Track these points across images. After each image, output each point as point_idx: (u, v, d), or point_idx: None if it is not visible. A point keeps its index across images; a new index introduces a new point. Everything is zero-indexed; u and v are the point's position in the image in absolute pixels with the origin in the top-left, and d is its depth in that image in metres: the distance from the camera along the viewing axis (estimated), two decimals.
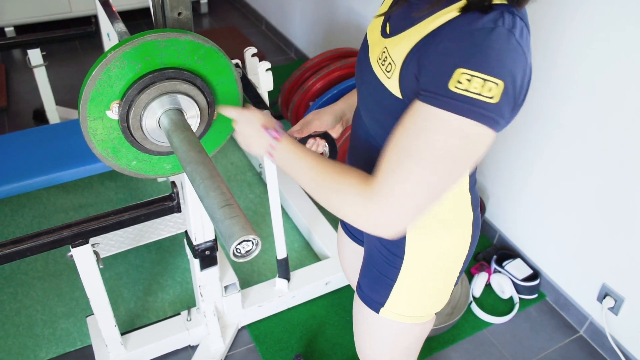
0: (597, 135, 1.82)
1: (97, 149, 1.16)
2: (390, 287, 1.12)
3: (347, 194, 0.87)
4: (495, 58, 0.73)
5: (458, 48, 0.74)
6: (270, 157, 1.01)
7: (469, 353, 2.02)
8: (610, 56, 1.70)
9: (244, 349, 1.97)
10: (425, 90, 0.77)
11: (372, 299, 1.16)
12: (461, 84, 0.73)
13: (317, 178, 0.92)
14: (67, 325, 2.01)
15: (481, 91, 0.72)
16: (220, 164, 2.84)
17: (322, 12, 3.48)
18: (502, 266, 2.26)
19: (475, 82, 0.72)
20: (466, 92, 0.73)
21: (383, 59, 0.89)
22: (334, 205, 0.90)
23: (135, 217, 1.47)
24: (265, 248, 2.35)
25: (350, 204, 0.86)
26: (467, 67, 0.72)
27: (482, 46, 0.73)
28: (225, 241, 0.83)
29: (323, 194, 0.91)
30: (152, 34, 1.06)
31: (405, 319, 1.15)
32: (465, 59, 0.73)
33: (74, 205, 2.55)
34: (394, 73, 0.85)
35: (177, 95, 1.12)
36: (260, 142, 1.02)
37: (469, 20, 0.75)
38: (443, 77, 0.74)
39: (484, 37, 0.73)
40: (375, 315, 1.16)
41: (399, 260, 1.09)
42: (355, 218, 0.87)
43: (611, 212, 1.85)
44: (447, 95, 0.74)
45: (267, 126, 1.01)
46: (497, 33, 0.73)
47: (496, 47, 0.73)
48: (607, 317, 1.98)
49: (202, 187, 0.93)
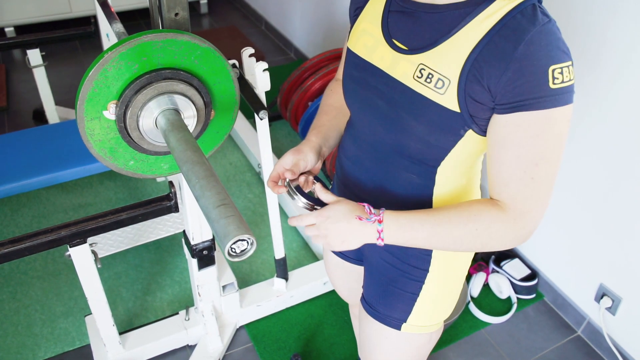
0: (595, 136, 1.83)
1: (95, 149, 1.16)
2: (413, 301, 1.11)
3: (494, 232, 0.89)
4: (563, 45, 0.81)
5: (540, 49, 0.79)
6: (380, 242, 0.92)
7: (467, 353, 2.02)
8: (603, 58, 1.70)
9: (242, 348, 1.97)
10: (527, 99, 0.80)
11: (391, 317, 1.14)
12: (557, 79, 0.79)
13: (450, 233, 0.90)
14: (66, 325, 2.01)
15: (570, 77, 0.81)
16: (219, 164, 2.85)
17: (321, 13, 3.48)
18: (500, 266, 2.27)
19: (565, 72, 0.80)
20: (563, 84, 0.80)
21: (426, 76, 0.87)
22: (482, 246, 0.92)
23: (133, 216, 1.47)
24: (263, 248, 2.36)
25: (501, 236, 0.90)
26: (556, 63, 0.79)
27: (554, 40, 0.80)
28: (220, 240, 0.84)
29: (466, 243, 0.91)
30: (149, 34, 1.07)
31: (426, 329, 1.15)
32: (551, 57, 0.79)
33: (73, 205, 2.55)
34: (449, 88, 0.85)
35: (174, 95, 1.12)
36: (361, 234, 0.92)
37: (527, 20, 0.80)
38: (541, 80, 0.79)
39: (550, 31, 0.80)
40: (396, 332, 1.15)
41: (423, 273, 1.08)
42: (508, 245, 0.91)
43: (608, 213, 1.86)
44: (552, 94, 0.79)
45: (359, 215, 0.92)
46: (552, 24, 0.81)
47: (559, 36, 0.81)
48: (604, 317, 1.98)
49: (198, 187, 0.93)
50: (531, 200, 0.87)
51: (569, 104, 0.81)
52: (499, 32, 0.81)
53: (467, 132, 0.89)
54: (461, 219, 0.89)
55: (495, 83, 0.81)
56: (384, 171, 1.03)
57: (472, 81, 0.83)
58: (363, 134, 1.05)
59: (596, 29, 1.71)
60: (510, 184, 0.87)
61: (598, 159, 1.84)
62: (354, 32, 1.03)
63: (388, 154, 1.00)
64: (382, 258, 1.12)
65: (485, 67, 0.82)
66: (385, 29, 0.95)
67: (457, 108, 0.86)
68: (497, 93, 0.82)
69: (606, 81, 1.73)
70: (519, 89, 0.80)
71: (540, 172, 0.84)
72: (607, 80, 1.73)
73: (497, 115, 0.84)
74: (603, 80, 1.74)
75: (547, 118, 0.81)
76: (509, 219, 0.88)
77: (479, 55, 0.82)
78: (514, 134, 0.83)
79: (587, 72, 1.78)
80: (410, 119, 0.91)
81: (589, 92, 1.80)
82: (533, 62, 0.78)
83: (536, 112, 0.80)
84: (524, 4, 0.81)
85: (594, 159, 1.86)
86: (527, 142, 0.83)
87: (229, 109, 1.25)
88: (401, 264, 1.09)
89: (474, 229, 0.89)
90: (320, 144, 1.10)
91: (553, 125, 0.81)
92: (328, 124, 1.15)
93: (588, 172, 1.89)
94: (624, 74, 1.67)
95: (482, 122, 0.87)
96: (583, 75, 1.80)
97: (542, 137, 0.82)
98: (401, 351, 1.18)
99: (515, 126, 0.82)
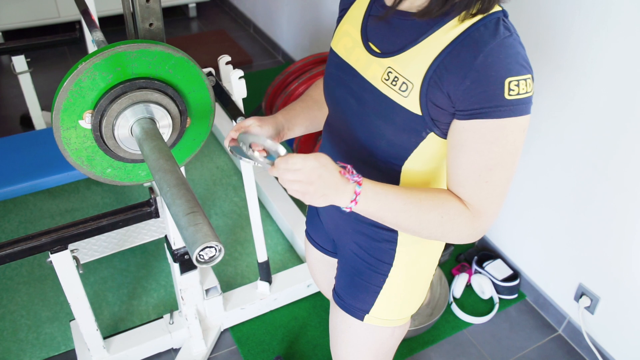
0: (573, 140, 1.86)
1: (72, 158, 1.18)
2: (376, 293, 1.14)
3: (457, 224, 0.93)
4: (522, 59, 0.84)
5: (498, 61, 0.82)
6: (353, 204, 0.89)
7: (449, 353, 2.05)
8: (579, 61, 1.73)
9: (226, 351, 2.00)
10: (483, 108, 0.83)
11: (355, 307, 1.17)
12: (513, 91, 0.82)
13: (418, 213, 0.91)
14: (52, 330, 2.03)
15: (526, 90, 0.84)
16: (206, 168, 2.87)
17: (308, 16, 3.51)
18: (483, 267, 2.30)
19: (521, 84, 0.83)
20: (518, 96, 0.83)
21: (392, 79, 0.91)
22: (441, 234, 0.95)
23: (113, 222, 1.49)
24: (248, 251, 2.38)
25: (461, 230, 0.93)
26: (513, 75, 0.82)
27: (513, 53, 0.83)
28: (189, 247, 0.86)
29: (430, 228, 0.93)
30: (123, 45, 1.09)
31: (389, 322, 1.18)
32: (508, 69, 0.82)
33: (60, 211, 2.57)
34: (412, 92, 0.89)
35: (149, 104, 1.15)
36: (340, 191, 0.88)
37: (489, 32, 0.83)
38: (497, 91, 0.82)
39: (509, 45, 0.83)
40: (359, 323, 1.18)
41: (387, 266, 1.12)
42: (464, 239, 0.95)
43: (587, 215, 1.89)
44: (507, 104, 0.83)
45: (342, 170, 0.89)
46: (514, 38, 0.84)
47: (519, 50, 0.84)
48: (583, 316, 2.01)
49: (169, 195, 0.95)
50: (485, 202, 0.91)
51: (524, 115, 0.85)
52: (461, 42, 0.84)
53: (429, 134, 0.92)
54: (431, 204, 0.92)
55: (455, 90, 0.85)
56: (353, 166, 1.06)
57: (434, 87, 0.87)
58: (337, 129, 1.09)
59: (562, 32, 1.74)
60: (466, 186, 0.91)
61: (573, 162, 1.87)
62: (337, 33, 1.07)
63: (358, 151, 1.04)
64: (351, 250, 1.16)
65: (446, 74, 0.85)
66: (364, 32, 0.99)
67: (419, 111, 0.89)
68: (456, 100, 0.85)
69: (577, 85, 1.76)
70: (476, 98, 0.83)
71: (494, 177, 0.88)
72: (580, 85, 1.76)
73: (457, 120, 0.87)
74: (574, 84, 1.77)
75: (502, 127, 0.84)
76: (470, 216, 0.92)
77: (442, 63, 0.86)
78: (470, 139, 0.86)
79: (561, 78, 1.81)
80: (376, 119, 0.95)
81: (564, 96, 1.83)
82: (490, 73, 0.82)
83: (492, 121, 0.84)
84: (489, 17, 0.85)
85: (569, 161, 1.89)
86: (482, 148, 0.86)
87: (204, 116, 1.27)
88: (367, 257, 1.12)
89: (439, 216, 0.92)
90: (283, 124, 1.14)
91: (508, 134, 0.85)
92: (299, 110, 1.20)
93: (565, 174, 1.92)
94: (596, 81, 1.70)
95: (443, 126, 0.91)
96: (557, 80, 1.83)
97: (497, 145, 0.85)
98: (363, 342, 1.21)
99: (472, 132, 0.86)
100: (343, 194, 0.88)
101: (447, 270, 2.35)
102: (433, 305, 2.13)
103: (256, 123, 1.08)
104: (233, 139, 1.06)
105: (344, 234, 1.16)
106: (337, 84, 1.04)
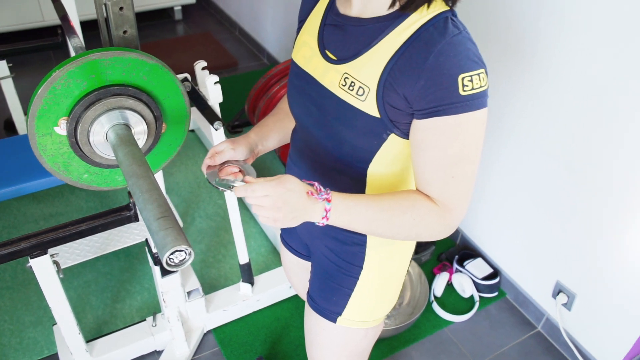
0: (547, 140, 1.89)
1: (48, 164, 1.20)
2: (348, 296, 1.17)
3: (428, 223, 0.95)
4: (473, 54, 0.86)
5: (449, 59, 0.84)
6: (324, 221, 0.91)
7: (430, 351, 2.07)
8: (547, 61, 1.77)
9: (209, 352, 2.01)
10: (439, 105, 0.86)
11: (328, 309, 1.20)
12: (467, 86, 0.85)
13: (390, 219, 0.94)
14: (35, 334, 2.04)
15: (480, 84, 0.86)
16: (190, 171, 2.88)
17: (292, 18, 3.53)
18: (463, 266, 2.33)
19: (474, 79, 0.85)
20: (473, 91, 0.85)
21: (349, 84, 0.94)
22: (416, 235, 0.97)
23: (92, 227, 1.50)
24: (232, 253, 2.40)
25: (433, 228, 0.96)
26: (465, 71, 0.84)
27: (464, 50, 0.85)
28: (159, 251, 0.88)
29: (403, 231, 0.96)
30: (96, 52, 1.11)
31: (361, 324, 1.20)
32: (460, 66, 0.84)
33: (44, 215, 2.57)
34: (369, 95, 0.92)
35: (124, 110, 1.17)
36: (309, 210, 0.90)
37: (438, 32, 0.86)
38: (452, 88, 0.84)
39: (459, 43, 0.86)
40: (332, 325, 1.21)
41: (357, 269, 1.14)
42: (437, 236, 0.98)
43: (563, 214, 1.92)
44: (463, 100, 0.85)
45: (309, 190, 0.90)
46: (463, 36, 0.87)
47: (468, 46, 0.87)
48: (561, 312, 2.05)
49: (141, 200, 0.97)
50: (454, 197, 0.93)
51: (482, 109, 0.87)
52: (412, 44, 0.87)
53: (390, 136, 0.95)
54: (401, 208, 0.94)
55: (410, 91, 0.87)
56: (320, 173, 1.10)
57: (389, 89, 0.89)
58: (303, 138, 1.12)
59: (530, 31, 1.77)
60: (434, 183, 0.93)
61: (548, 162, 1.91)
62: (296, 43, 1.10)
63: (323, 157, 1.07)
64: (323, 254, 1.18)
65: (400, 76, 0.88)
66: (320, 41, 1.02)
67: (377, 114, 0.92)
68: (413, 100, 0.88)
69: (554, 85, 1.80)
70: (432, 96, 0.86)
71: (459, 172, 0.91)
72: (555, 84, 1.79)
73: (416, 120, 0.90)
74: (551, 84, 1.81)
75: (461, 122, 0.87)
76: (440, 212, 0.94)
77: (395, 65, 0.88)
78: (431, 137, 0.89)
79: (537, 78, 1.85)
80: (337, 124, 0.98)
81: (540, 96, 1.86)
82: (443, 72, 0.84)
83: (450, 117, 0.86)
84: (437, 17, 0.88)
85: (545, 161, 1.92)
86: (444, 145, 0.89)
87: (180, 122, 1.29)
88: (338, 260, 1.15)
89: (411, 218, 0.94)
90: (257, 141, 1.18)
91: (467, 128, 0.88)
92: (272, 125, 1.23)
93: (541, 174, 1.96)
94: (570, 79, 1.74)
95: (403, 127, 0.93)
96: (534, 80, 1.86)
97: (458, 140, 0.88)
98: (336, 344, 1.24)
99: (432, 130, 0.88)
100: (313, 213, 0.90)
101: (429, 269, 2.38)
102: (414, 304, 2.16)
103: (229, 146, 1.11)
104: (209, 166, 1.10)
105: (316, 238, 1.19)
106: (299, 94, 1.06)
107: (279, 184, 0.87)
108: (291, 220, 0.89)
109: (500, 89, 2.00)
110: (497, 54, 1.96)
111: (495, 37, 1.95)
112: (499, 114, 2.05)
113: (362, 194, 0.98)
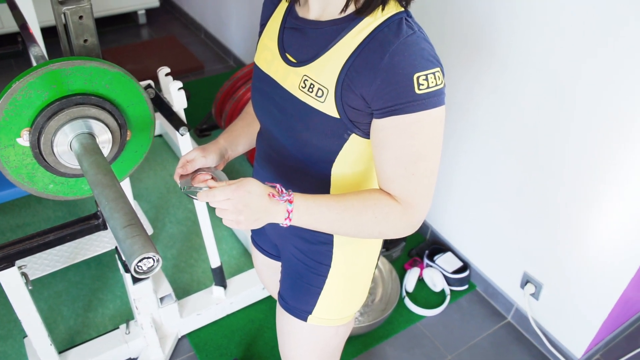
0: (510, 134, 1.94)
1: (12, 176, 1.19)
2: (317, 294, 1.19)
3: (391, 220, 0.96)
4: (428, 54, 0.88)
5: (404, 59, 0.86)
6: (287, 222, 0.93)
7: (403, 346, 2.11)
8: (510, 61, 1.81)
9: (184, 357, 2.01)
10: (396, 105, 0.88)
11: (298, 308, 1.21)
12: (423, 85, 0.86)
13: (353, 218, 0.95)
14: (5, 348, 2.01)
15: (436, 82, 0.87)
16: (159, 176, 2.87)
17: (257, 20, 3.53)
18: (434, 260, 2.37)
19: (430, 78, 0.87)
20: (429, 89, 0.87)
21: (308, 86, 0.96)
22: (379, 233, 0.98)
23: (60, 237, 1.49)
24: (204, 257, 2.40)
25: (396, 225, 0.97)
26: (420, 71, 0.86)
27: (418, 50, 0.87)
28: (127, 259, 0.89)
29: (367, 229, 0.97)
30: (57, 62, 1.10)
31: (332, 322, 1.22)
32: (414, 66, 0.86)
33: (11, 226, 2.53)
34: (328, 97, 0.93)
35: (87, 119, 1.16)
36: (272, 212, 0.91)
37: (393, 33, 0.88)
38: (407, 87, 0.86)
39: (413, 42, 0.87)
40: (303, 324, 1.22)
41: (325, 268, 1.16)
42: (401, 233, 0.99)
43: (528, 206, 1.97)
44: (419, 99, 0.87)
45: (271, 192, 0.92)
46: (417, 35, 0.89)
47: (423, 46, 0.88)
48: (529, 302, 2.10)
49: (108, 209, 0.98)
50: (416, 194, 0.95)
51: (438, 107, 0.89)
52: (368, 45, 0.89)
53: (351, 136, 0.97)
54: (363, 207, 0.95)
55: (367, 91, 0.89)
56: (285, 175, 1.11)
57: (347, 90, 0.92)
58: (267, 139, 1.14)
59: (502, 35, 1.82)
60: (395, 181, 0.95)
61: (513, 156, 1.95)
62: (258, 47, 1.11)
63: (287, 158, 1.09)
64: (292, 254, 1.20)
65: (357, 77, 0.90)
66: (281, 44, 1.04)
67: (337, 114, 0.94)
68: (370, 100, 0.90)
69: (514, 80, 1.84)
70: (388, 96, 0.88)
71: (420, 169, 0.93)
72: (515, 79, 1.84)
73: (375, 119, 0.92)
74: (511, 79, 1.85)
75: (418, 120, 0.88)
76: (402, 210, 0.96)
77: (352, 66, 0.91)
78: (390, 136, 0.91)
79: (497, 73, 1.89)
80: (299, 126, 1.00)
81: (500, 91, 1.91)
82: (398, 71, 0.86)
83: (407, 116, 0.88)
84: (392, 19, 0.90)
85: (509, 156, 1.97)
86: (403, 143, 0.91)
87: (145, 129, 1.29)
88: (306, 259, 1.17)
89: (373, 216, 0.96)
90: (226, 147, 1.20)
91: (425, 126, 0.89)
92: (240, 130, 1.25)
93: (506, 169, 2.01)
94: (529, 74, 1.78)
95: (363, 126, 0.96)
96: (494, 75, 1.91)
97: (416, 138, 0.90)
98: (307, 342, 1.26)
99: (391, 129, 0.90)
100: (276, 214, 0.92)
101: (400, 265, 2.42)
102: (386, 301, 2.19)
103: (200, 154, 1.12)
104: (182, 175, 1.11)
105: (284, 238, 1.20)
106: (262, 97, 1.08)
107: (239, 187, 0.89)
108: (254, 222, 0.91)
109: (462, 84, 2.04)
110: (457, 49, 2.00)
111: (455, 33, 1.99)
112: (462, 109, 2.09)
113: (326, 194, 1.00)
